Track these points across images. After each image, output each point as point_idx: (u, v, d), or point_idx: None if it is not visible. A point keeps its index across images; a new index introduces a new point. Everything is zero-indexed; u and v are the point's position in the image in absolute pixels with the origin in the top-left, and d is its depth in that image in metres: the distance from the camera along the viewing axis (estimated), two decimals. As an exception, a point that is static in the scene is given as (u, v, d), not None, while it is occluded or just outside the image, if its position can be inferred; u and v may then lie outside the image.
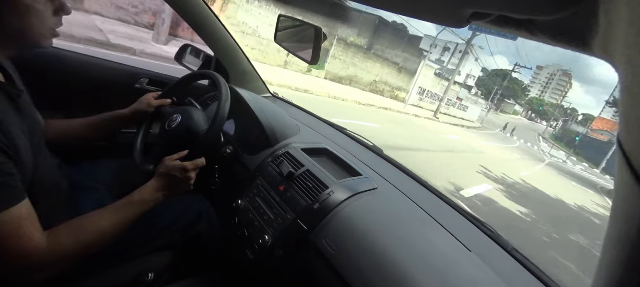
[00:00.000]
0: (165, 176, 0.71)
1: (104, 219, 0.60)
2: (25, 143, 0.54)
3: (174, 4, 1.04)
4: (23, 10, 0.50)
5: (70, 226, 0.56)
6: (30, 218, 0.50)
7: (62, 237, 0.54)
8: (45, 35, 0.55)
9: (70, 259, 0.55)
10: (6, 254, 0.47)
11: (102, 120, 0.86)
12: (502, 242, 0.83)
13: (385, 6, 0.33)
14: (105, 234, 0.60)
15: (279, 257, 0.74)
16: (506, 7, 0.23)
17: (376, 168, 1.01)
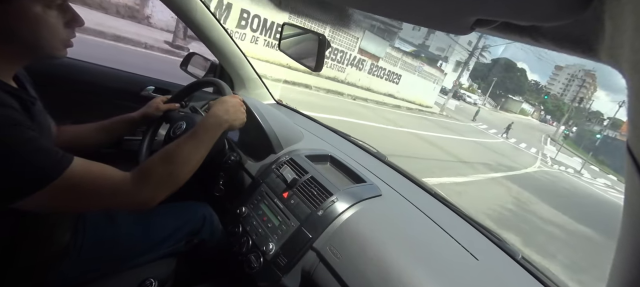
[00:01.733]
0: (221, 102, 0.75)
1: (183, 149, 0.64)
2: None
3: (179, 11, 1.06)
4: (34, 23, 0.51)
5: (152, 159, 0.61)
6: (95, 164, 0.54)
7: (146, 170, 0.59)
8: (58, 47, 0.56)
9: (161, 188, 0.59)
10: (103, 196, 0.54)
11: (112, 124, 0.87)
12: (510, 250, 0.82)
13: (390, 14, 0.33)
14: (187, 162, 0.64)
15: (283, 264, 0.74)
16: (510, 13, 0.23)
17: (380, 174, 1.00)
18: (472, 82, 50.01)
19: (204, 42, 1.17)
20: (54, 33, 0.54)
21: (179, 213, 0.88)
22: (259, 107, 1.08)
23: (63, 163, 0.49)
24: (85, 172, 0.52)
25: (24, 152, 0.46)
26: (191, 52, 1.35)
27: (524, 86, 58.29)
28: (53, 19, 0.53)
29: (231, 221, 0.88)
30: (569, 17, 0.20)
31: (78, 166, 0.51)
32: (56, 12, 0.54)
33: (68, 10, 0.56)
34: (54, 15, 0.53)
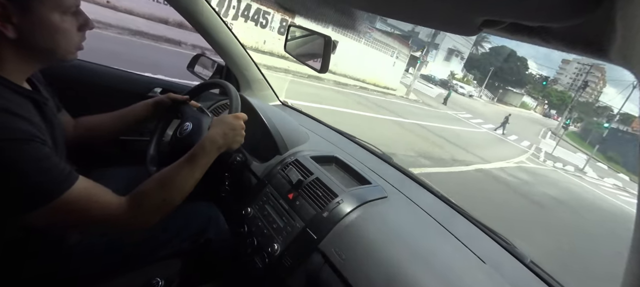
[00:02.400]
0: (219, 123, 0.75)
1: (178, 174, 0.65)
2: (53, 147, 0.57)
3: (185, 13, 1.07)
4: (51, 30, 0.53)
5: (146, 185, 0.63)
6: (96, 188, 0.56)
7: (141, 196, 0.61)
8: (71, 51, 0.58)
9: (154, 214, 0.62)
10: (96, 219, 0.55)
11: (127, 111, 0.89)
12: (518, 255, 0.81)
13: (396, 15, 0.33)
14: (181, 188, 0.65)
15: (288, 265, 0.74)
16: (518, 14, 0.23)
17: (386, 176, 1.00)
18: (467, 73, 46.10)
19: (210, 43, 1.18)
20: (68, 38, 0.56)
21: (185, 213, 0.89)
22: (265, 109, 1.08)
23: (67, 182, 0.51)
24: (85, 194, 0.53)
25: (32, 170, 0.47)
26: (198, 53, 1.37)
27: (524, 77, 50.49)
28: (68, 25, 0.55)
29: (236, 222, 0.88)
30: (579, 17, 0.20)
31: (80, 186, 0.52)
32: (71, 18, 0.55)
33: (80, 14, 0.58)
34: (69, 21, 0.55)
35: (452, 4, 0.26)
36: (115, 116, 0.88)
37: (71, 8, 0.54)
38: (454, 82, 35.24)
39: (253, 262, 0.78)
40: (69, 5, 0.54)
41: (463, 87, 34.60)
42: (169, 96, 0.95)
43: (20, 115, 0.48)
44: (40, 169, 0.48)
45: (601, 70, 67.74)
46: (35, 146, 0.48)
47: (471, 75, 46.24)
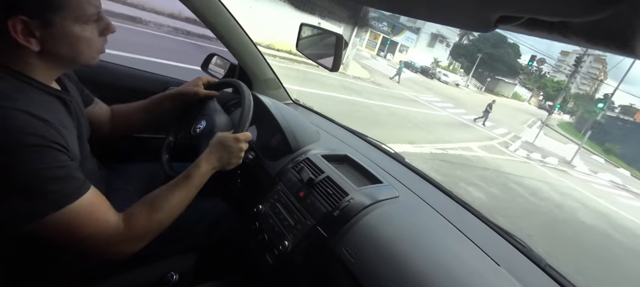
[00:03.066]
0: (217, 146, 0.76)
1: (170, 198, 0.66)
2: (76, 144, 0.60)
3: (197, 12, 1.08)
4: (72, 41, 0.54)
5: (141, 206, 0.62)
6: (101, 203, 0.56)
7: (136, 218, 0.60)
8: (93, 57, 0.60)
9: (144, 237, 0.62)
10: (89, 238, 0.54)
11: (151, 103, 0.91)
12: (535, 257, 0.78)
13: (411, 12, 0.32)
14: (172, 210, 0.66)
15: (299, 263, 0.74)
16: (537, 9, 0.22)
17: (397, 176, 0.99)
18: (453, 60, 42.26)
19: (223, 43, 1.20)
20: (90, 45, 0.58)
21: (198, 207, 0.91)
22: (277, 107, 1.09)
23: (74, 195, 0.51)
24: (88, 209, 0.53)
25: (40, 179, 0.48)
26: (211, 53, 1.39)
27: (516, 66, 44.87)
28: (88, 33, 0.56)
29: (248, 219, 0.89)
30: (603, 11, 0.19)
31: (86, 201, 0.53)
32: (92, 26, 0.57)
33: (102, 19, 0.59)
34: (90, 29, 0.57)
35: (469, 1, 0.25)
36: (141, 109, 0.90)
37: (92, 17, 0.56)
38: (438, 69, 32.72)
39: (264, 259, 0.79)
40: (90, 15, 0.55)
41: (446, 75, 32.07)
42: (197, 91, 0.95)
43: (42, 118, 0.49)
44: (49, 179, 0.49)
45: (602, 61, 61.65)
46: (50, 154, 0.49)
47: (458, 63, 42.66)
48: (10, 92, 0.49)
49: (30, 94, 0.52)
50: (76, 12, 0.53)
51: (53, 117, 0.52)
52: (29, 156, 0.46)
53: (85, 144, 0.66)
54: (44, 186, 0.48)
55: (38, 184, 0.48)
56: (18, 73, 0.51)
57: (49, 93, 0.55)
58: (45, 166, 0.48)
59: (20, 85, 0.51)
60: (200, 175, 0.71)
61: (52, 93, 0.56)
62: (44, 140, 0.48)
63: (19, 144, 0.46)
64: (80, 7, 0.53)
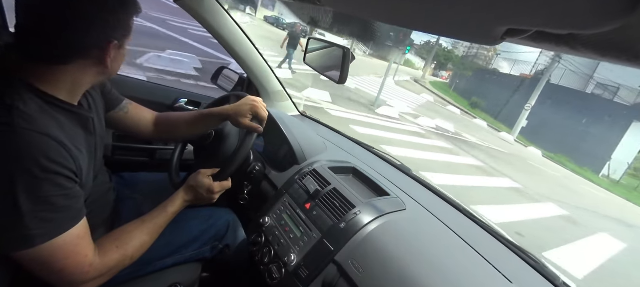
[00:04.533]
0: (192, 189, 0.76)
1: (144, 232, 0.65)
2: (91, 161, 0.61)
3: (209, 26, 1.12)
4: (122, 60, 0.60)
5: (115, 240, 0.61)
6: (86, 236, 0.55)
7: (111, 252, 0.59)
8: (118, 71, 0.63)
9: (116, 271, 0.60)
10: (65, 270, 0.51)
11: (201, 117, 0.86)
12: (549, 275, 0.76)
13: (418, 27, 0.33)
14: (145, 244, 0.65)
15: (305, 276, 0.73)
16: (545, 22, 0.22)
17: (405, 188, 0.98)
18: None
19: (232, 56, 1.23)
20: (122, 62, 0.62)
21: (205, 217, 0.91)
22: (284, 119, 1.10)
23: (71, 223, 0.51)
24: (74, 242, 0.52)
25: (39, 206, 0.47)
26: (221, 66, 1.42)
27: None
28: (125, 51, 0.60)
29: (254, 231, 0.89)
30: (612, 23, 0.19)
31: (74, 233, 0.51)
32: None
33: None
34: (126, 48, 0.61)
35: (474, 14, 0.26)
36: (190, 122, 0.87)
37: (129, 38, 0.59)
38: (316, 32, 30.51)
39: (270, 272, 0.78)
40: (131, 32, 0.59)
41: (323, 35, 29.59)
42: (247, 114, 0.81)
43: (60, 140, 0.49)
44: (51, 206, 0.48)
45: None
46: (58, 181, 0.48)
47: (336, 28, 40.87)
48: (34, 113, 0.48)
49: (52, 113, 0.52)
50: (128, 32, 0.58)
51: (70, 137, 0.53)
52: (39, 182, 0.46)
53: (99, 157, 0.67)
54: (44, 213, 0.47)
55: (39, 210, 0.47)
56: (45, 94, 0.51)
57: (69, 110, 0.56)
58: (50, 193, 0.47)
59: (44, 107, 0.51)
60: (173, 213, 0.72)
61: (71, 110, 0.56)
62: (56, 166, 0.48)
63: (33, 169, 0.46)
64: (131, 29, 0.58)
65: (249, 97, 0.83)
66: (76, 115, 0.57)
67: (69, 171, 0.51)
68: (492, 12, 0.23)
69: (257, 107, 0.81)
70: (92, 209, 0.61)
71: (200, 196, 0.76)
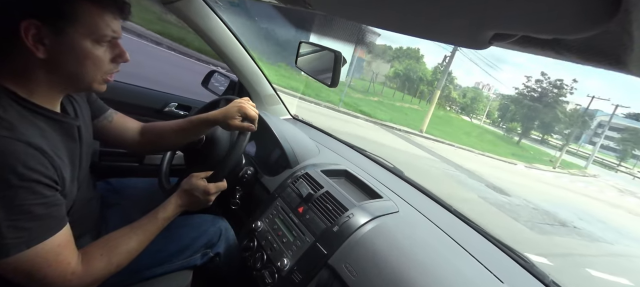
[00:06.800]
0: (187, 193, 0.74)
1: (131, 239, 0.64)
2: (74, 170, 0.58)
3: (197, 28, 1.10)
4: (80, 56, 0.53)
5: (101, 248, 0.60)
6: (68, 244, 0.53)
7: (95, 260, 0.57)
8: (98, 80, 0.57)
9: (102, 279, 0.59)
10: (47, 278, 0.50)
11: (189, 125, 0.84)
12: (538, 273, 0.77)
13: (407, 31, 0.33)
14: (132, 252, 0.63)
15: (298, 281, 0.72)
16: (530, 27, 0.23)
17: (397, 190, 0.98)
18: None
19: (223, 59, 1.22)
20: (98, 66, 0.55)
21: (196, 224, 0.90)
22: (276, 123, 1.09)
23: (51, 232, 0.49)
24: (56, 251, 0.51)
25: (21, 214, 0.46)
26: (212, 69, 1.41)
27: None
28: (100, 54, 0.55)
29: (246, 236, 0.88)
30: (592, 28, 0.20)
31: (55, 241, 0.50)
32: (104, 48, 0.56)
33: (117, 46, 0.58)
34: (102, 51, 0.55)
35: (463, 19, 0.26)
36: (177, 130, 0.84)
37: (106, 38, 0.54)
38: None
39: (262, 277, 0.77)
40: (103, 35, 0.53)
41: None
42: (235, 116, 0.80)
43: (40, 148, 0.48)
44: (27, 214, 0.46)
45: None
46: (37, 189, 0.47)
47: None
48: (13, 119, 0.47)
49: (33, 120, 0.51)
50: (90, 28, 0.52)
51: (51, 145, 0.51)
52: (16, 190, 0.45)
53: (85, 164, 0.65)
54: (20, 222, 0.46)
55: (15, 219, 0.45)
56: (24, 100, 0.51)
57: (51, 118, 0.54)
58: (27, 201, 0.46)
59: (24, 113, 0.50)
60: (165, 219, 0.70)
61: (53, 118, 0.55)
62: (35, 173, 0.47)
63: (9, 177, 0.44)
64: (94, 24, 0.52)
65: (235, 100, 0.83)
66: (58, 122, 0.56)
67: (49, 179, 0.49)
68: (479, 17, 0.24)
69: (245, 107, 0.81)
70: (75, 218, 0.59)
71: (195, 200, 0.75)
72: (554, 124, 26.22)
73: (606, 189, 17.00)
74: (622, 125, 37.90)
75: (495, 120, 30.14)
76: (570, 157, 28.76)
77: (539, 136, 31.39)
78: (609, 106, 20.82)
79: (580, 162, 26.30)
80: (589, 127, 35.79)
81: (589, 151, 26.13)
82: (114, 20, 0.55)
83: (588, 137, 38.15)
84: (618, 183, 21.83)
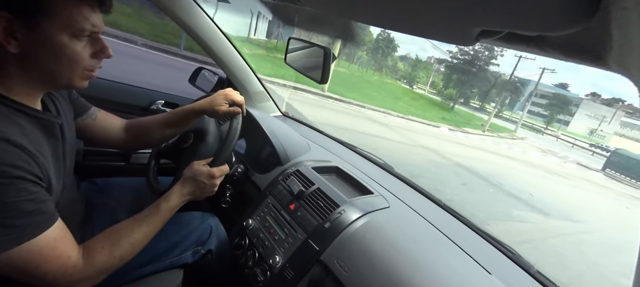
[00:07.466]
0: (191, 180, 0.73)
1: (134, 231, 0.63)
2: (59, 169, 0.57)
3: (185, 26, 1.08)
4: (56, 51, 0.50)
5: (102, 240, 0.59)
6: (64, 238, 0.53)
7: (97, 253, 0.57)
8: (80, 76, 0.55)
9: (106, 272, 0.58)
10: (48, 274, 0.50)
11: (176, 118, 0.84)
12: (524, 264, 0.79)
13: (395, 27, 0.33)
14: (136, 244, 0.63)
15: (290, 278, 0.73)
16: (515, 24, 0.23)
17: (387, 186, 0.99)
18: None
19: (211, 56, 1.20)
20: (76, 62, 0.53)
21: (184, 222, 0.88)
22: (266, 120, 1.09)
23: (43, 227, 0.49)
24: (51, 245, 0.50)
25: (8, 211, 0.45)
26: (199, 66, 1.38)
27: None
28: (79, 49, 0.52)
29: (237, 234, 0.87)
30: (574, 26, 0.20)
31: (50, 235, 0.50)
32: (84, 43, 0.53)
33: (98, 41, 0.55)
34: (81, 46, 0.53)
35: (450, 16, 0.26)
36: (163, 124, 0.83)
37: (84, 32, 0.51)
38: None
39: (254, 275, 0.77)
40: (81, 29, 0.51)
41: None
42: (222, 104, 0.81)
43: (21, 145, 0.47)
44: (15, 211, 0.45)
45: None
46: (22, 185, 0.46)
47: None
48: None
49: (13, 118, 0.49)
50: (65, 21, 0.49)
51: (33, 143, 0.50)
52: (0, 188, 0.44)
53: (69, 164, 0.63)
54: (8, 219, 0.45)
55: (3, 217, 0.44)
56: (2, 97, 0.49)
57: (32, 116, 0.53)
58: (13, 198, 0.45)
59: (2, 110, 0.48)
60: (169, 209, 0.69)
61: (34, 115, 0.53)
62: (19, 170, 0.46)
63: None
64: (70, 17, 0.49)
65: (220, 91, 0.84)
66: (39, 120, 0.54)
67: (33, 176, 0.48)
68: (467, 14, 0.24)
69: (231, 94, 0.83)
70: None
71: (201, 185, 0.73)
72: (484, 87, 27.13)
73: (529, 149, 17.73)
74: (551, 93, 42.24)
75: (440, 90, 30.94)
76: (504, 123, 29.73)
77: (478, 104, 32.70)
78: (541, 75, 22.84)
79: (512, 126, 27.29)
80: (522, 94, 38.98)
81: (521, 117, 28.58)
82: (93, 14, 0.52)
83: (522, 104, 41.16)
84: (542, 144, 22.79)
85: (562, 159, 17.54)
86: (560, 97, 39.32)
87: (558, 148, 23.56)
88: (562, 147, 26.15)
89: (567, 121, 45.52)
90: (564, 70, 75.21)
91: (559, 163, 15.60)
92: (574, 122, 45.80)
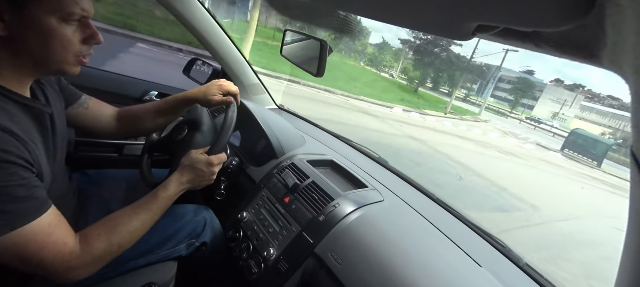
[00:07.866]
0: (190, 168, 0.72)
1: (132, 219, 0.62)
2: (49, 158, 0.56)
3: (181, 17, 1.06)
4: (45, 35, 0.49)
5: (99, 228, 0.58)
6: (60, 224, 0.52)
7: (95, 240, 0.56)
8: (70, 62, 0.54)
9: (104, 260, 0.57)
10: (45, 261, 0.49)
11: (168, 106, 0.84)
12: (514, 257, 0.81)
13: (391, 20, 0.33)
14: (134, 232, 0.62)
15: (284, 270, 0.73)
16: (511, 19, 0.23)
17: (382, 180, 1.00)
18: None
19: (206, 48, 1.18)
20: (67, 47, 0.52)
21: (178, 215, 0.88)
22: (262, 113, 1.08)
23: (37, 213, 0.48)
24: (46, 231, 0.49)
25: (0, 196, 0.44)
26: (194, 58, 1.36)
27: None
28: (69, 34, 0.51)
29: (232, 226, 0.87)
30: (570, 23, 0.20)
31: (44, 222, 0.49)
32: (74, 28, 0.52)
33: (88, 27, 0.54)
34: (71, 31, 0.51)
35: (447, 11, 0.26)
36: (156, 113, 0.83)
37: (74, 16, 0.50)
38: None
39: (248, 268, 0.78)
40: (71, 13, 0.50)
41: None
42: (216, 94, 0.82)
43: (10, 130, 0.46)
44: (7, 196, 0.45)
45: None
46: (13, 170, 0.45)
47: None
48: None
49: (3, 105, 0.48)
50: (54, 4, 0.48)
51: (22, 129, 0.49)
52: None
53: (59, 155, 0.62)
54: (1, 205, 0.44)
55: None
56: None
57: (21, 103, 0.52)
58: (4, 183, 0.44)
59: None
60: (167, 198, 0.68)
61: (24, 103, 0.52)
62: (9, 155, 0.45)
63: None
64: (59, 1, 0.48)
65: (214, 81, 0.84)
66: (29, 108, 0.53)
67: (24, 161, 0.47)
68: (464, 9, 0.24)
69: (225, 85, 0.84)
70: None
71: (200, 174, 0.72)
72: (449, 71, 26.96)
73: (490, 131, 17.78)
74: (516, 78, 43.75)
75: (409, 75, 30.76)
76: (470, 107, 29.97)
77: (447, 90, 32.74)
78: (505, 57, 23.12)
79: (477, 110, 27.64)
80: (487, 79, 39.43)
81: (489, 102, 28.61)
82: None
83: (487, 89, 42.37)
84: (505, 127, 23.31)
85: (522, 141, 17.60)
86: (525, 81, 40.26)
87: (520, 130, 23.92)
88: (525, 129, 26.80)
89: (531, 106, 46.79)
90: (531, 58, 75.72)
91: (518, 144, 15.43)
92: (538, 106, 47.07)
